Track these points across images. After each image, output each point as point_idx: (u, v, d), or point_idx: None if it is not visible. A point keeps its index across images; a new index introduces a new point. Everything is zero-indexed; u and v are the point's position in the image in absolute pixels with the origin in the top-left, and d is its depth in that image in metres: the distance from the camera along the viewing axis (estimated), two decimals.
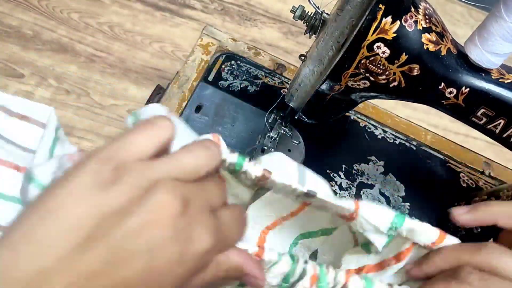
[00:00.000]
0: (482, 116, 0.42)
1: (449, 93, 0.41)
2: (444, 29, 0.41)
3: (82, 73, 0.88)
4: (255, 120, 0.59)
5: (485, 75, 0.41)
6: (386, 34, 0.37)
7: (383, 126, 0.64)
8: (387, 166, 0.60)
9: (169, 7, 1.00)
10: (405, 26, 0.38)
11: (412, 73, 0.40)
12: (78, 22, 0.93)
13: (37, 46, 0.89)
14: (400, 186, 0.59)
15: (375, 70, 0.39)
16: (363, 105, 0.65)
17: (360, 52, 0.38)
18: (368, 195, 0.57)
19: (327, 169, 0.58)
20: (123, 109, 0.86)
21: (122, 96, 0.87)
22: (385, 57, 0.38)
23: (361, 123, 0.63)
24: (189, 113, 0.57)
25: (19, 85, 0.84)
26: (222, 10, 1.03)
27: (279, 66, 0.65)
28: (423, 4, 0.40)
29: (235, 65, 0.63)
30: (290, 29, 1.04)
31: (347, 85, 0.42)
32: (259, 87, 0.62)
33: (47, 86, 0.85)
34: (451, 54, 0.41)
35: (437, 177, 0.62)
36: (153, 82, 0.90)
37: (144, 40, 0.95)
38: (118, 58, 0.91)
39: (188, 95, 0.58)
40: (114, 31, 0.94)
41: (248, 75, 0.62)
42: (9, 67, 0.85)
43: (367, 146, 0.61)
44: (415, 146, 0.63)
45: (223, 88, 0.60)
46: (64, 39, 0.91)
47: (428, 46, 0.39)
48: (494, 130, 0.43)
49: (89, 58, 0.90)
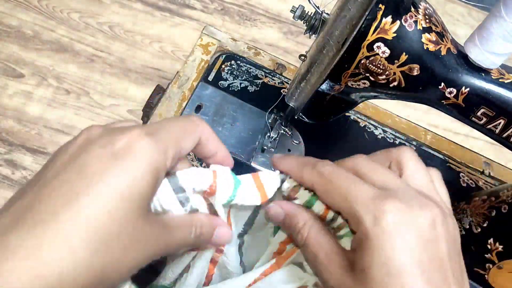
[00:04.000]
0: (482, 116, 0.42)
1: (449, 93, 0.41)
2: (444, 29, 0.41)
3: (82, 73, 0.88)
4: (255, 120, 0.59)
5: (485, 75, 0.41)
6: (386, 34, 0.37)
7: (383, 126, 0.64)
8: None
9: (169, 7, 1.00)
10: (405, 26, 0.38)
11: (412, 73, 0.40)
12: (78, 22, 0.93)
13: (37, 46, 0.89)
14: None
15: (375, 70, 0.39)
16: (363, 105, 0.65)
17: (360, 52, 0.38)
18: None
19: None
20: (123, 109, 0.86)
21: (122, 96, 0.87)
22: (385, 57, 0.38)
23: (361, 123, 0.63)
24: (189, 113, 0.57)
25: (19, 85, 0.84)
26: (222, 10, 1.03)
27: (279, 66, 0.65)
28: (423, 4, 0.40)
29: (235, 65, 0.63)
30: (290, 29, 1.04)
31: (347, 85, 0.42)
32: (259, 87, 0.62)
33: (47, 86, 0.85)
34: (451, 54, 0.41)
35: None
36: (153, 82, 0.90)
37: (144, 40, 0.95)
38: (118, 58, 0.91)
39: (188, 95, 0.58)
40: (114, 31, 0.94)
41: (248, 75, 0.62)
42: (9, 67, 0.85)
43: (367, 146, 0.61)
44: (415, 146, 0.63)
45: (223, 88, 0.60)
46: (64, 39, 0.91)
47: (428, 46, 0.39)
48: (494, 130, 0.43)
49: (89, 58, 0.90)
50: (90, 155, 0.24)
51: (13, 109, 0.81)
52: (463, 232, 0.53)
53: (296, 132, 0.59)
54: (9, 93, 0.83)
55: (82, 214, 0.22)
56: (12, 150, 0.78)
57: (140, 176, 0.24)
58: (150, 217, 0.26)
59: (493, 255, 0.49)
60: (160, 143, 0.25)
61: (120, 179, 0.23)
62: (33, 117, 0.82)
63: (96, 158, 0.24)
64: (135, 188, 0.24)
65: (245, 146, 0.56)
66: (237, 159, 0.55)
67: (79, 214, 0.22)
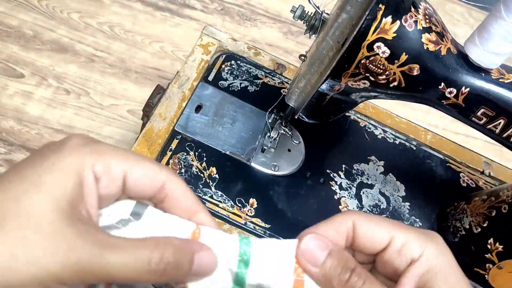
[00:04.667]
0: (482, 116, 0.42)
1: (449, 93, 0.41)
2: (444, 29, 0.41)
3: (82, 73, 0.88)
4: (255, 120, 0.59)
5: (485, 75, 0.41)
6: (386, 34, 0.37)
7: (383, 126, 0.64)
8: (387, 166, 0.60)
9: (169, 7, 1.00)
10: (405, 26, 0.38)
11: (412, 73, 0.40)
12: (78, 22, 0.93)
13: (37, 46, 0.89)
14: (400, 186, 0.59)
15: (375, 70, 0.39)
16: (363, 105, 0.65)
17: (360, 52, 0.38)
18: (368, 195, 0.57)
19: (327, 169, 0.58)
20: (123, 109, 0.86)
21: (122, 96, 0.87)
22: (385, 57, 0.38)
23: (361, 123, 0.63)
24: (189, 113, 0.57)
25: (19, 85, 0.84)
26: (222, 10, 1.03)
27: (279, 66, 0.65)
28: (423, 4, 0.40)
29: (235, 65, 0.63)
30: (290, 29, 1.04)
31: (347, 85, 0.42)
32: (259, 87, 0.62)
33: (47, 86, 0.85)
34: (451, 54, 0.41)
35: (437, 177, 0.62)
36: (153, 82, 0.90)
37: (144, 40, 0.95)
38: (118, 58, 0.91)
39: (188, 95, 0.58)
40: (114, 31, 0.94)
41: (248, 75, 0.62)
42: (9, 67, 0.85)
43: (367, 146, 0.61)
44: (415, 146, 0.63)
45: (223, 88, 0.60)
46: (64, 39, 0.91)
47: (428, 46, 0.39)
48: (494, 130, 0.43)
49: (89, 58, 0.90)
50: (26, 160, 0.24)
51: (13, 109, 0.82)
52: (463, 232, 0.53)
53: (296, 132, 0.59)
54: (9, 93, 0.83)
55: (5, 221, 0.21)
56: (12, 150, 0.78)
57: (64, 174, 0.23)
58: (78, 225, 0.22)
59: (493, 255, 0.49)
60: (94, 146, 0.24)
61: (44, 179, 0.22)
62: (33, 117, 0.82)
63: (30, 162, 0.23)
64: (59, 188, 0.22)
65: (245, 146, 0.56)
66: (237, 159, 0.55)
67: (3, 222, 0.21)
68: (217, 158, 0.54)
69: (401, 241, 0.26)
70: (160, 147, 0.54)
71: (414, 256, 0.25)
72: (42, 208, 0.22)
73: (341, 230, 0.27)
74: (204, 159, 0.54)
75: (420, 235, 0.26)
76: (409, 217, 0.57)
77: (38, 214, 0.22)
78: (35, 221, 0.21)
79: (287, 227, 0.53)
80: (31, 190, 0.22)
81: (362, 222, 0.26)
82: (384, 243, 0.26)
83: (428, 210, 0.58)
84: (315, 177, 0.57)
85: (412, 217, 0.57)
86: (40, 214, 0.22)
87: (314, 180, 0.57)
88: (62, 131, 0.82)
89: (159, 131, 0.55)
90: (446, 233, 0.56)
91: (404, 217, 0.57)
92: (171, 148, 0.54)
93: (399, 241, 0.26)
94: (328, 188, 0.57)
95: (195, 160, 0.54)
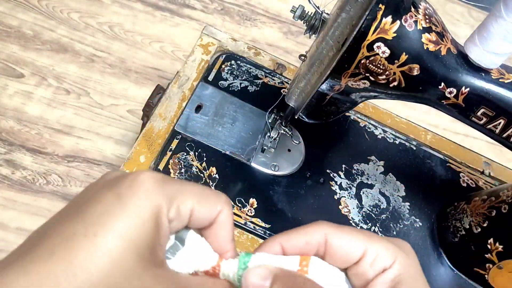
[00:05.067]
0: (482, 116, 0.42)
1: (449, 93, 0.41)
2: (444, 29, 0.41)
3: (82, 73, 0.88)
4: (255, 120, 0.59)
5: (485, 75, 0.41)
6: (386, 34, 0.37)
7: (383, 126, 0.64)
8: (387, 166, 0.60)
9: (169, 7, 1.00)
10: (405, 26, 0.38)
11: (412, 73, 0.40)
12: (78, 22, 0.93)
13: (37, 46, 0.89)
14: (400, 186, 0.59)
15: (375, 70, 0.39)
16: (363, 105, 0.65)
17: (360, 52, 0.38)
18: (368, 195, 0.57)
19: (327, 169, 0.58)
20: (123, 109, 0.86)
21: (122, 96, 0.87)
22: (385, 57, 0.38)
23: (361, 123, 0.63)
24: (189, 113, 0.57)
25: (19, 85, 0.84)
26: (222, 10, 1.03)
27: (279, 66, 0.65)
28: (423, 4, 0.40)
29: (235, 65, 0.63)
30: (290, 29, 1.04)
31: (347, 85, 0.42)
32: (259, 87, 0.62)
33: (47, 86, 0.85)
34: (451, 54, 0.41)
35: (437, 177, 0.62)
36: (153, 82, 0.90)
37: (144, 40, 0.95)
38: (118, 58, 0.91)
39: (188, 95, 0.58)
40: (114, 31, 0.94)
41: (248, 75, 0.62)
42: (9, 67, 0.85)
43: (367, 146, 0.61)
44: (415, 146, 0.63)
45: (223, 88, 0.60)
46: (64, 39, 0.91)
47: (428, 46, 0.39)
48: (494, 130, 0.43)
49: (89, 58, 0.90)
50: (95, 196, 0.23)
51: (13, 109, 0.81)
52: (463, 232, 0.53)
53: (296, 132, 0.59)
54: (9, 93, 0.83)
55: (76, 255, 0.20)
56: (12, 150, 0.78)
57: (142, 219, 0.22)
58: (157, 269, 0.23)
59: (493, 255, 0.49)
60: (167, 189, 0.24)
61: (121, 221, 0.22)
62: (33, 117, 0.82)
63: (99, 199, 0.23)
64: (137, 232, 0.22)
65: (245, 146, 0.56)
66: (237, 159, 0.55)
67: (73, 255, 0.20)
68: (217, 158, 0.54)
69: (374, 253, 0.26)
70: (160, 147, 0.54)
71: (386, 266, 0.26)
72: (123, 253, 0.22)
73: (312, 241, 0.27)
74: (204, 159, 0.54)
75: (391, 245, 0.26)
76: (409, 217, 0.57)
77: (119, 259, 0.21)
78: (117, 266, 0.21)
79: (287, 227, 0.52)
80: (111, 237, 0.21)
81: (334, 234, 0.26)
82: (357, 256, 0.26)
83: (428, 210, 0.58)
84: (315, 177, 0.57)
85: (412, 217, 0.57)
86: (122, 259, 0.21)
87: (314, 180, 0.57)
88: (62, 131, 0.82)
89: (159, 131, 0.55)
90: (446, 233, 0.56)
91: (404, 217, 0.57)
92: (171, 148, 0.54)
93: (371, 254, 0.26)
94: (328, 188, 0.57)
95: (195, 160, 0.54)
